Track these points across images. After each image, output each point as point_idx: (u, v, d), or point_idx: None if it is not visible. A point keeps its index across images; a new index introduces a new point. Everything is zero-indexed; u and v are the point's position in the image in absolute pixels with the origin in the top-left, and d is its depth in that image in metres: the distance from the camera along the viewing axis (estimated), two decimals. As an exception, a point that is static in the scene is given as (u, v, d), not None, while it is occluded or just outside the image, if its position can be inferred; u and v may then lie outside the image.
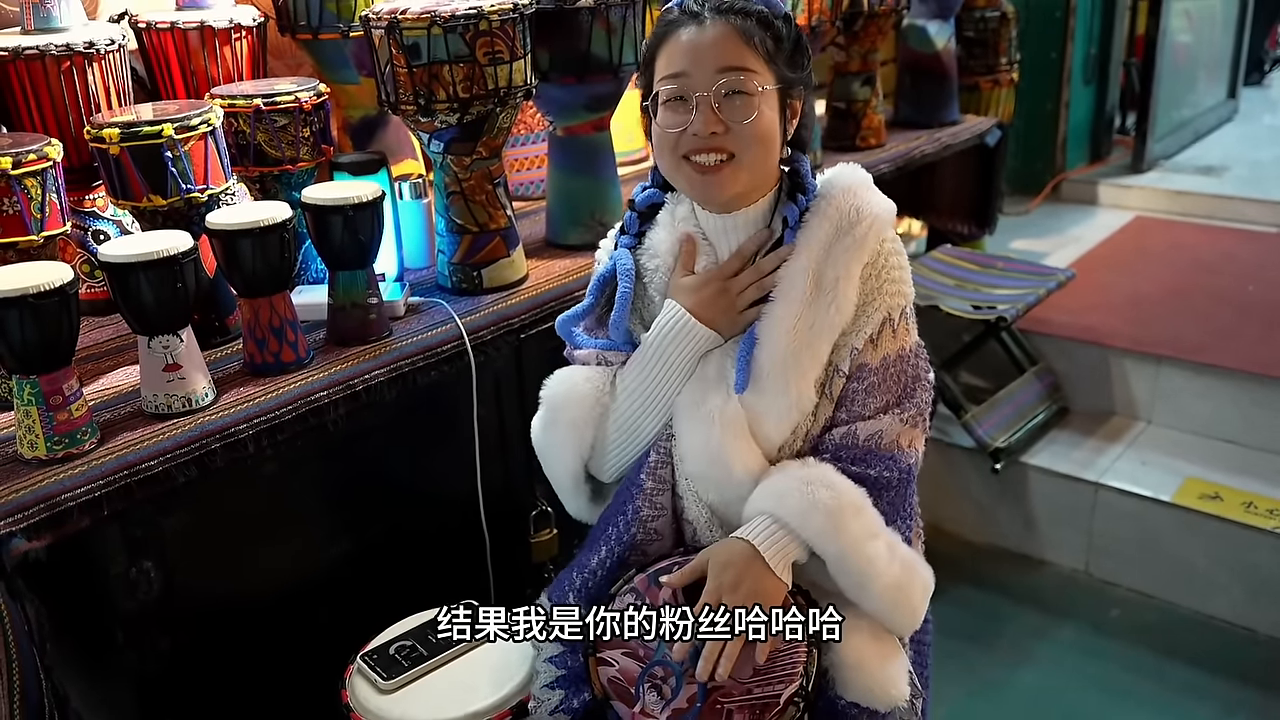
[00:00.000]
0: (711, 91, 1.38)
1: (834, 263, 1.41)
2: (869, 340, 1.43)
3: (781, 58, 1.41)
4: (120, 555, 1.55)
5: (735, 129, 1.38)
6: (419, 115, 1.88)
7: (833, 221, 1.43)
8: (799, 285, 1.41)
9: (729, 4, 1.40)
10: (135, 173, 1.69)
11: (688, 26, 1.40)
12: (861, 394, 1.44)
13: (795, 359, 1.42)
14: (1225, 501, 2.83)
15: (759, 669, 1.33)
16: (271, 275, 1.68)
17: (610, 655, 1.40)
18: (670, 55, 1.41)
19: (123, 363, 1.78)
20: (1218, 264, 3.91)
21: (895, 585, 1.42)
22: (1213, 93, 5.66)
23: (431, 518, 1.97)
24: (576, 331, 1.58)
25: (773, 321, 1.42)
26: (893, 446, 1.44)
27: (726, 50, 1.38)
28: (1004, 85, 3.76)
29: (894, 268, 1.44)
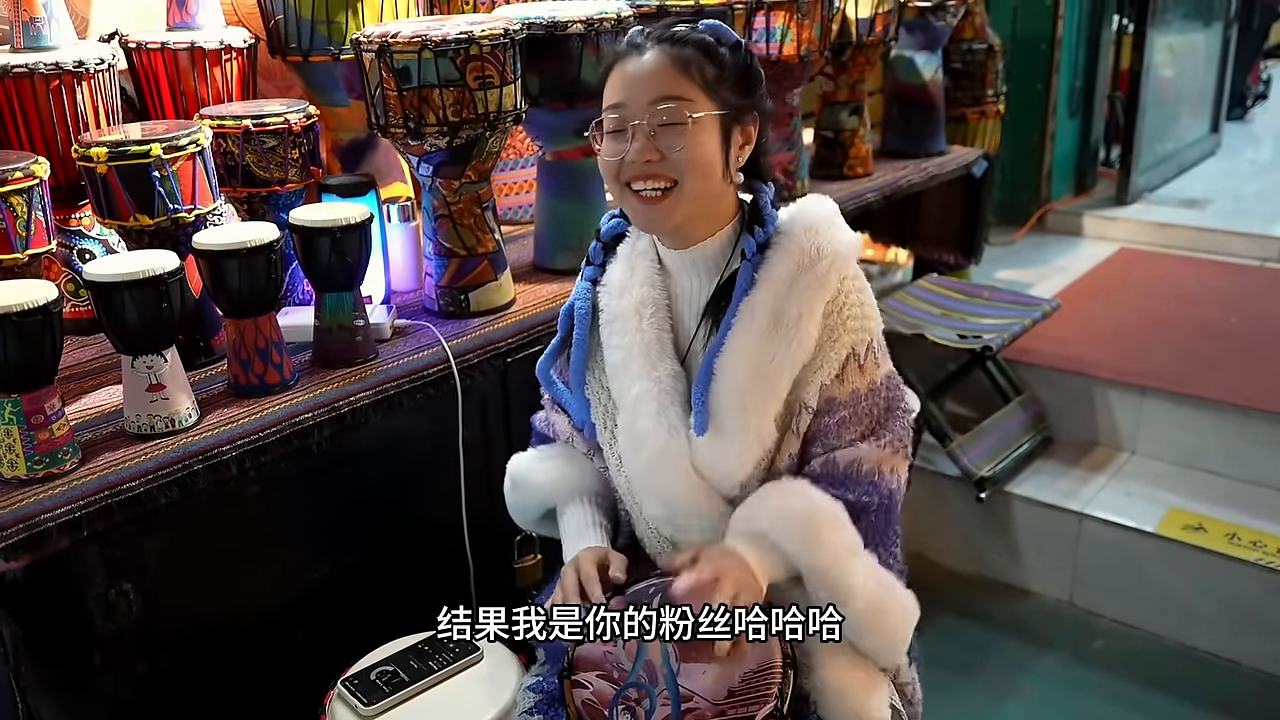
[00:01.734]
0: (646, 120, 1.38)
1: (796, 299, 1.40)
2: (835, 377, 1.42)
3: (725, 85, 1.41)
4: (99, 576, 1.54)
5: (671, 157, 1.38)
6: (408, 138, 1.88)
7: (794, 258, 1.42)
8: (759, 320, 1.41)
9: (670, 33, 1.41)
10: (122, 192, 1.69)
11: (629, 57, 1.42)
12: (834, 427, 1.44)
13: (754, 394, 1.41)
14: (1209, 533, 2.83)
15: (733, 689, 1.33)
16: (258, 296, 1.68)
17: (585, 678, 1.39)
18: (612, 86, 1.43)
19: (106, 382, 1.77)
20: (1201, 296, 3.94)
21: (873, 607, 1.41)
22: (1196, 127, 5.72)
23: (415, 542, 1.96)
24: (556, 382, 1.61)
25: (731, 356, 1.42)
26: (873, 473, 1.43)
27: (660, 80, 1.39)
28: (990, 117, 3.79)
29: (855, 304, 1.43)
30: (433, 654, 1.69)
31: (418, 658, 1.68)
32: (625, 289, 1.52)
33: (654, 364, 1.48)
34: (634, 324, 1.49)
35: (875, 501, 1.43)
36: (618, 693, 1.36)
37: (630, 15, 2.14)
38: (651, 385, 1.47)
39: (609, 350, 1.52)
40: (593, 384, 1.56)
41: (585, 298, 1.56)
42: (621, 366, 1.50)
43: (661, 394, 1.47)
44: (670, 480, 1.47)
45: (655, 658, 1.38)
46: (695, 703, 1.32)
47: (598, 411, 1.56)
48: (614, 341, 1.51)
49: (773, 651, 1.36)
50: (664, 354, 1.48)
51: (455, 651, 1.69)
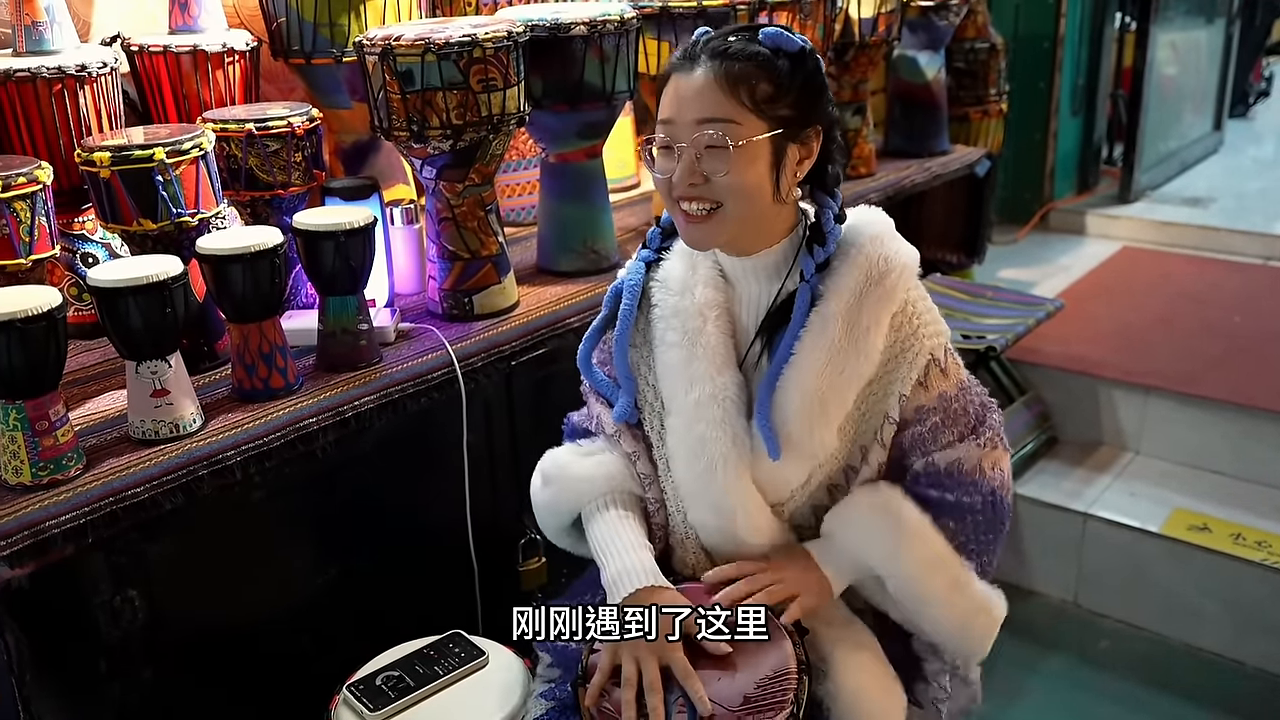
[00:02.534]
0: (690, 142, 1.36)
1: (866, 311, 1.39)
2: (917, 383, 1.42)
3: (782, 102, 1.36)
4: (104, 583, 1.53)
5: (715, 180, 1.36)
6: (412, 141, 1.88)
7: (863, 270, 1.40)
8: (830, 331, 1.39)
9: (724, 46, 1.36)
10: (125, 196, 1.69)
11: (681, 71, 1.38)
12: (929, 433, 1.44)
13: (822, 405, 1.40)
14: (1213, 533, 2.83)
15: (749, 696, 1.32)
16: (262, 301, 1.67)
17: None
18: (664, 100, 1.40)
19: (110, 387, 1.77)
20: (1204, 294, 3.93)
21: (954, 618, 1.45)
22: (1198, 125, 5.71)
23: (420, 545, 1.95)
24: (596, 370, 1.58)
25: (801, 371, 1.40)
26: (974, 472, 1.44)
27: (706, 101, 1.35)
28: (993, 116, 3.78)
29: (924, 312, 1.43)
30: (438, 659, 1.69)
31: (423, 663, 1.68)
32: (687, 288, 1.48)
33: (719, 369, 1.45)
34: (697, 324, 1.46)
35: (978, 501, 1.44)
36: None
37: (634, 17, 2.13)
38: (716, 391, 1.44)
39: (664, 348, 1.49)
40: (639, 381, 1.53)
41: (638, 275, 1.53)
42: (680, 367, 1.46)
43: (726, 401, 1.44)
44: (728, 488, 1.45)
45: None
46: (711, 709, 1.32)
47: (644, 409, 1.54)
48: (671, 339, 1.48)
49: (788, 657, 1.36)
50: (728, 360, 1.46)
51: (460, 656, 1.69)
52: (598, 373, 1.57)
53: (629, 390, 1.52)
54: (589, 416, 1.63)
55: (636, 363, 1.53)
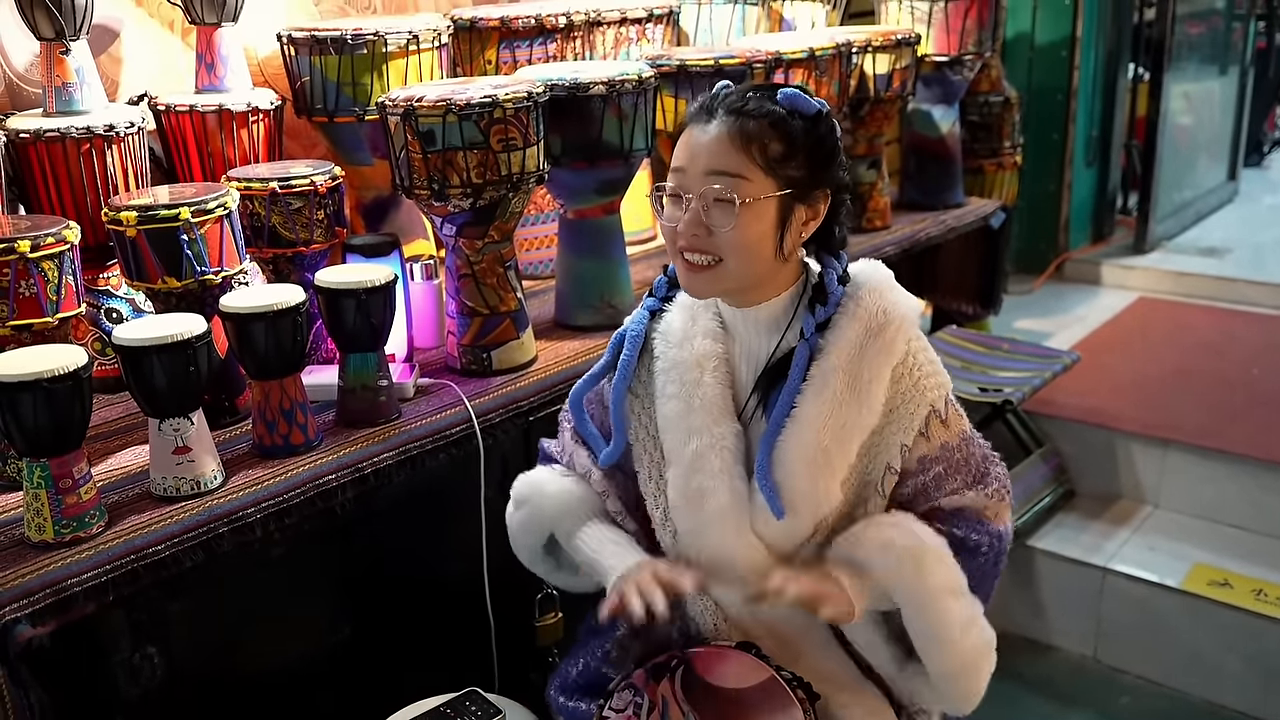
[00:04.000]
0: (698, 194, 1.38)
1: (867, 364, 1.41)
2: (919, 434, 1.43)
3: (793, 162, 1.38)
4: (124, 640, 1.54)
5: (717, 234, 1.37)
6: (432, 199, 1.91)
7: (862, 323, 1.42)
8: (831, 385, 1.40)
9: (742, 103, 1.38)
10: (151, 255, 1.71)
11: (697, 123, 1.40)
12: (933, 482, 1.45)
13: (826, 458, 1.41)
14: (1235, 589, 2.80)
15: None
16: (283, 358, 1.69)
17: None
18: (679, 148, 1.42)
19: (132, 442, 1.79)
20: (1221, 346, 3.92)
21: (969, 651, 1.43)
22: (1213, 174, 5.72)
23: (436, 601, 1.95)
24: (586, 416, 1.59)
25: (803, 425, 1.41)
26: (981, 515, 1.45)
27: (718, 154, 1.37)
28: (1008, 168, 3.81)
29: (925, 363, 1.44)
30: (454, 717, 1.68)
31: (440, 721, 1.68)
32: (686, 339, 1.50)
33: (716, 420, 1.46)
34: (695, 376, 1.48)
35: (985, 541, 1.45)
36: None
37: (651, 75, 2.16)
38: (714, 442, 1.46)
39: (664, 400, 1.50)
40: (638, 429, 1.54)
41: (640, 324, 1.54)
42: (679, 419, 1.48)
43: (724, 451, 1.45)
44: (728, 540, 1.45)
45: None
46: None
47: (641, 460, 1.54)
48: (670, 390, 1.49)
49: (795, 716, 1.36)
50: (726, 411, 1.47)
51: (477, 715, 1.68)
52: (588, 421, 1.59)
53: (619, 440, 1.54)
54: (562, 449, 1.66)
55: (639, 413, 1.55)
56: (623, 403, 1.54)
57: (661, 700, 1.41)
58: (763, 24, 3.00)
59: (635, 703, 1.43)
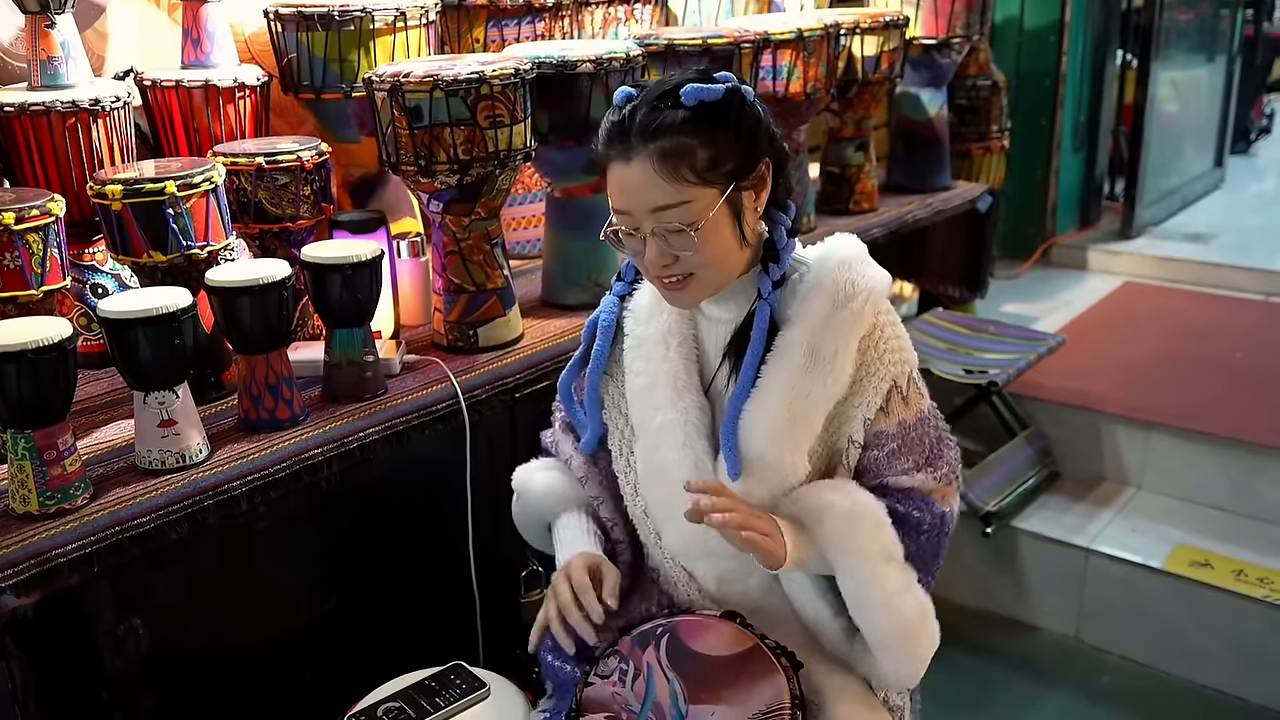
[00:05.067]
0: (653, 232, 1.37)
1: (832, 335, 1.41)
2: (880, 410, 1.43)
3: (725, 159, 1.35)
4: (109, 612, 1.54)
5: (683, 257, 1.37)
6: (419, 176, 1.90)
7: (829, 294, 1.42)
8: (794, 356, 1.41)
9: (653, 124, 1.33)
10: (136, 229, 1.71)
11: (617, 162, 1.36)
12: (885, 459, 1.45)
13: (789, 431, 1.42)
14: (1215, 569, 2.82)
15: None
16: (269, 333, 1.69)
17: (593, 719, 1.39)
18: (612, 189, 1.39)
19: (117, 416, 1.78)
20: (1206, 330, 3.94)
21: (902, 618, 1.41)
22: (1200, 161, 5.74)
23: (422, 576, 1.96)
24: (574, 402, 1.61)
25: (766, 393, 1.42)
26: (927, 495, 1.46)
27: (652, 190, 1.34)
28: (995, 152, 3.81)
29: (891, 338, 1.45)
30: (439, 690, 1.68)
31: (424, 694, 1.68)
32: (653, 316, 1.52)
33: (680, 394, 1.48)
34: (660, 352, 1.49)
35: (926, 519, 1.45)
36: None
37: (639, 54, 2.16)
38: (678, 415, 1.47)
39: (632, 376, 1.52)
40: (610, 409, 1.57)
41: (611, 312, 1.56)
42: (644, 393, 1.50)
43: (688, 425, 1.47)
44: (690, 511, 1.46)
45: (664, 699, 1.38)
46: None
47: (614, 437, 1.56)
48: (637, 367, 1.51)
49: (781, 691, 1.36)
50: (690, 385, 1.48)
51: (461, 688, 1.68)
52: (575, 406, 1.61)
53: (595, 426, 1.57)
54: (553, 439, 1.70)
55: (611, 391, 1.57)
56: (597, 390, 1.56)
57: (647, 667, 1.42)
58: (751, 5, 3.00)
59: (621, 669, 1.44)
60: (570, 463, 1.64)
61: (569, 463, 1.64)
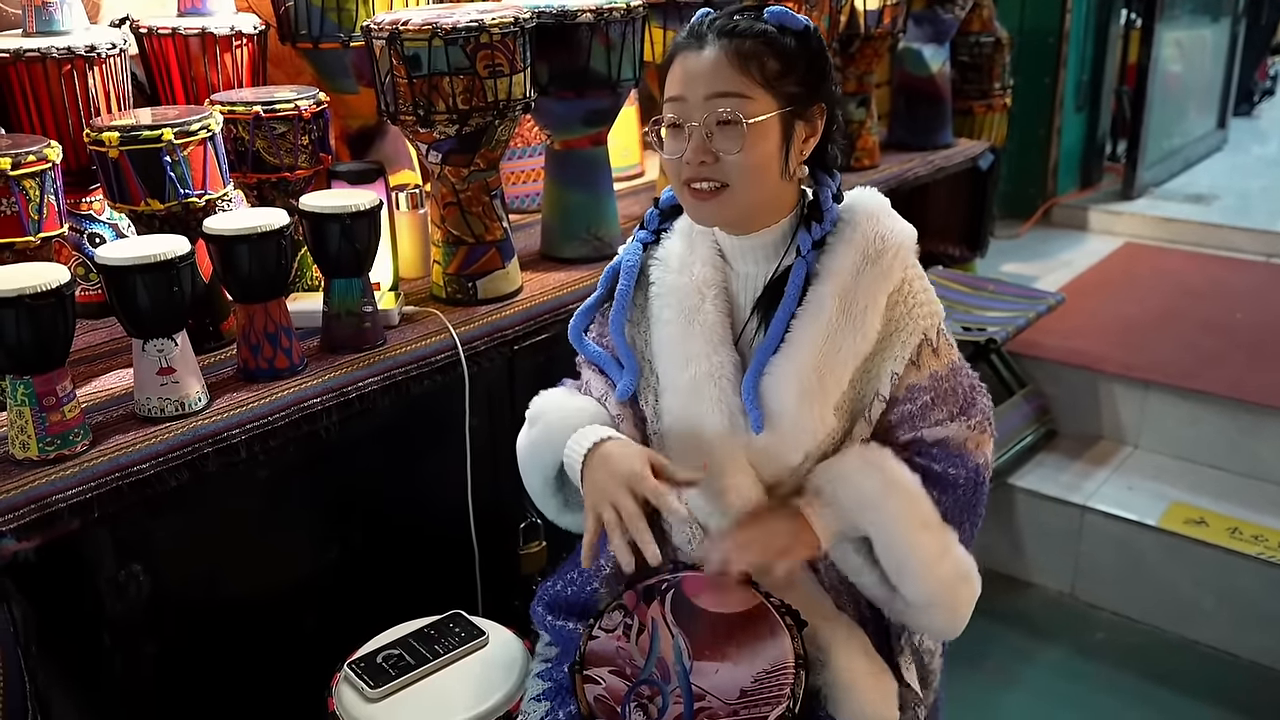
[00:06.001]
0: (702, 121, 1.36)
1: (863, 290, 1.40)
2: (910, 362, 1.42)
3: (790, 79, 1.37)
4: (109, 558, 1.54)
5: (725, 160, 1.36)
6: (418, 126, 1.89)
7: (859, 248, 1.41)
8: (827, 310, 1.40)
9: (732, 24, 1.37)
10: (134, 176, 1.70)
11: (689, 51, 1.38)
12: (919, 411, 1.43)
13: (820, 384, 1.40)
14: (1210, 527, 2.84)
15: (746, 689, 1.33)
16: (267, 281, 1.68)
17: (596, 673, 1.39)
18: (672, 79, 1.40)
19: (116, 366, 1.78)
20: (1206, 291, 3.94)
21: (940, 579, 1.41)
22: (1202, 122, 5.71)
23: (421, 527, 1.97)
24: (588, 340, 1.58)
25: (796, 348, 1.40)
26: (961, 448, 1.44)
27: (719, 76, 1.35)
28: (997, 110, 3.79)
29: (920, 290, 1.44)
30: (438, 638, 1.70)
31: (423, 642, 1.69)
32: (685, 265, 1.49)
33: (715, 348, 1.45)
34: (695, 302, 1.47)
35: (963, 475, 1.44)
36: (630, 689, 1.36)
37: (640, 5, 2.14)
38: (712, 369, 1.45)
39: (660, 324, 1.49)
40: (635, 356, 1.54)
41: (635, 254, 1.53)
42: (677, 343, 1.47)
43: (723, 380, 1.44)
44: (722, 466, 1.45)
45: (668, 655, 1.38)
46: (708, 701, 1.32)
47: (640, 384, 1.53)
48: (667, 316, 1.48)
49: (786, 651, 1.36)
50: (725, 339, 1.46)
51: (461, 636, 1.70)
52: (590, 344, 1.57)
53: (632, 369, 1.52)
54: (582, 384, 1.62)
55: (633, 338, 1.54)
56: (624, 331, 1.53)
57: (651, 622, 1.42)
58: (753, -42, 2.97)
59: (625, 624, 1.43)
60: (605, 399, 1.57)
61: (604, 401, 1.57)
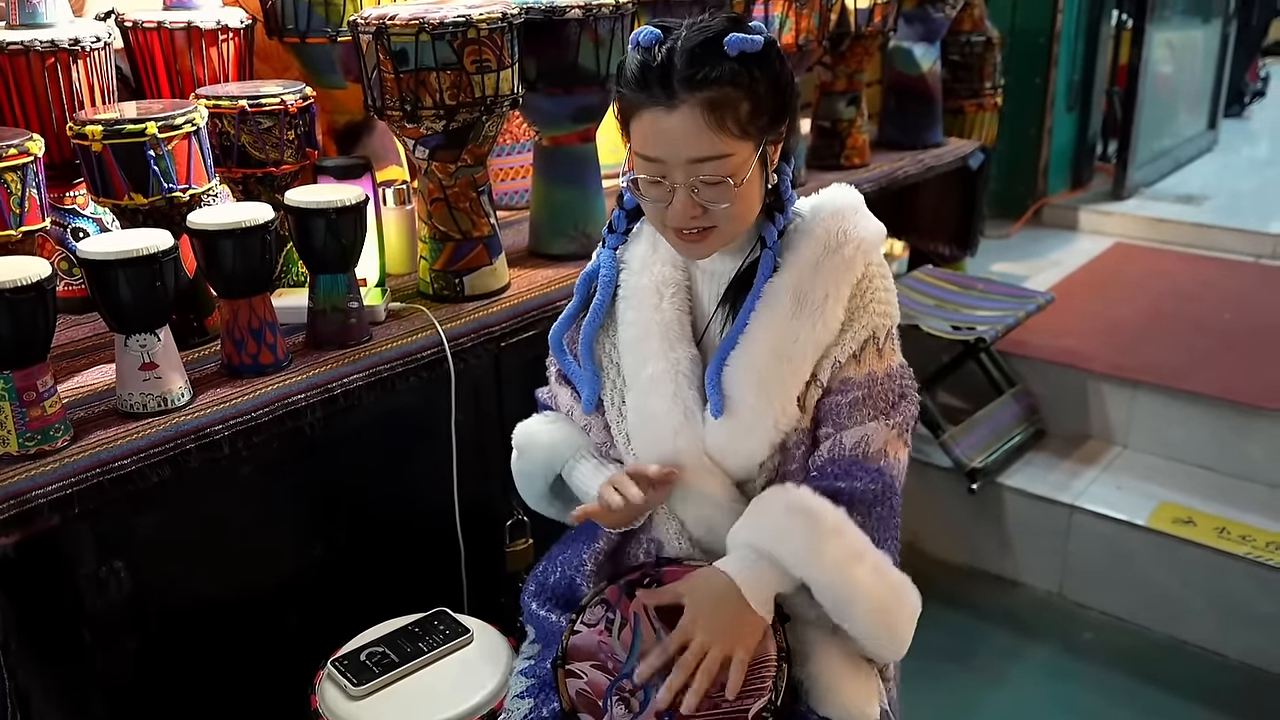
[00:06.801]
0: (685, 182, 1.34)
1: (821, 281, 1.40)
2: (852, 356, 1.42)
3: (763, 114, 1.34)
4: (90, 554, 1.53)
5: (713, 210, 1.35)
6: (405, 121, 1.88)
7: (820, 242, 1.42)
8: (780, 302, 1.41)
9: (699, 74, 1.30)
10: (117, 170, 1.69)
11: (654, 110, 1.32)
12: (846, 407, 1.43)
13: (775, 375, 1.41)
14: (1198, 526, 2.84)
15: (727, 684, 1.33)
16: (252, 277, 1.68)
17: (578, 667, 1.39)
18: (643, 138, 1.35)
19: (98, 361, 1.77)
20: (1196, 292, 3.94)
21: (881, 609, 1.39)
22: (1193, 123, 5.71)
23: (406, 524, 1.96)
24: (567, 353, 1.59)
25: (752, 338, 1.41)
26: (879, 455, 1.43)
27: (699, 142, 1.31)
28: (988, 109, 3.79)
29: (879, 289, 1.44)
30: (423, 635, 1.70)
31: (408, 639, 1.69)
32: (646, 266, 1.50)
33: (672, 345, 1.47)
34: (653, 302, 1.48)
35: (878, 489, 1.42)
36: (612, 684, 1.36)
37: (629, 2, 2.13)
38: (669, 366, 1.46)
39: (624, 326, 1.51)
40: (602, 359, 1.55)
41: (610, 266, 1.53)
42: (636, 344, 1.49)
43: (679, 375, 1.46)
44: (680, 462, 1.46)
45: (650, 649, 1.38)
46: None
47: (606, 387, 1.55)
48: (629, 318, 1.50)
49: (767, 644, 1.36)
50: (682, 336, 1.48)
51: (445, 634, 1.70)
52: (569, 358, 1.58)
53: (593, 382, 1.54)
54: (551, 395, 1.67)
55: (603, 341, 1.55)
56: (593, 345, 1.54)
57: (634, 616, 1.42)
58: (744, -45, 2.96)
59: (607, 618, 1.44)
60: (571, 413, 1.62)
61: (570, 413, 1.62)
